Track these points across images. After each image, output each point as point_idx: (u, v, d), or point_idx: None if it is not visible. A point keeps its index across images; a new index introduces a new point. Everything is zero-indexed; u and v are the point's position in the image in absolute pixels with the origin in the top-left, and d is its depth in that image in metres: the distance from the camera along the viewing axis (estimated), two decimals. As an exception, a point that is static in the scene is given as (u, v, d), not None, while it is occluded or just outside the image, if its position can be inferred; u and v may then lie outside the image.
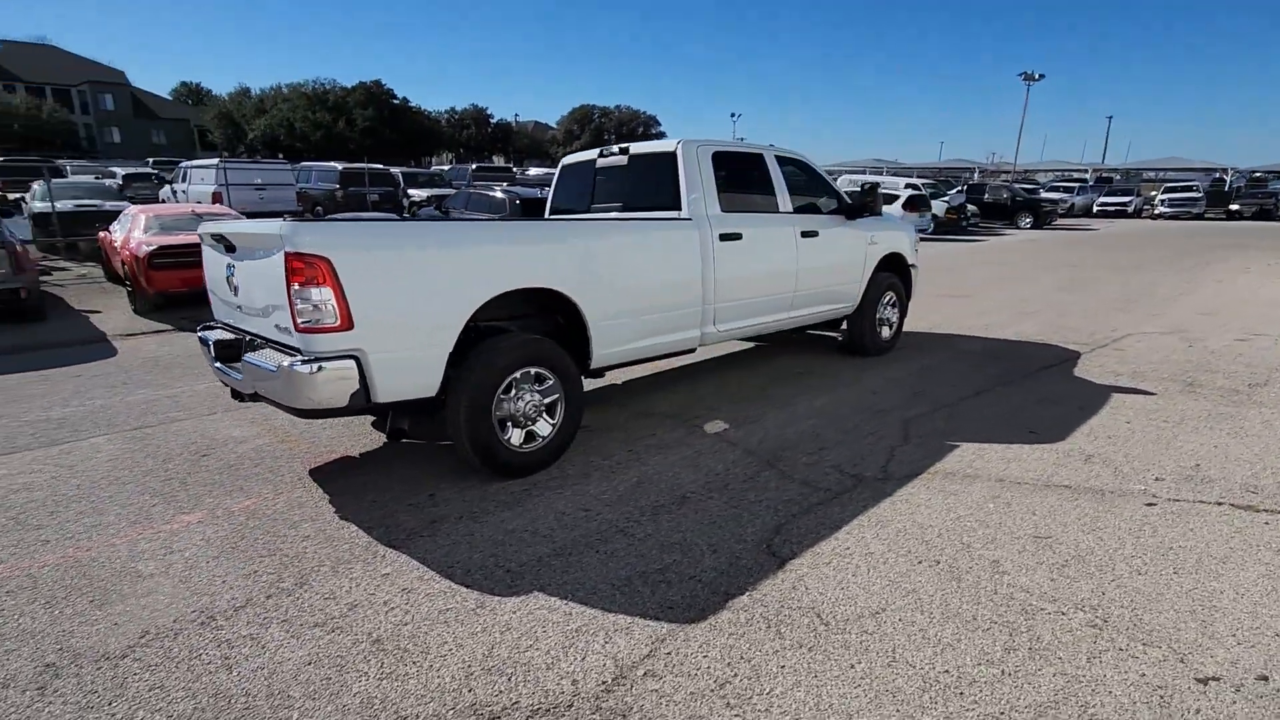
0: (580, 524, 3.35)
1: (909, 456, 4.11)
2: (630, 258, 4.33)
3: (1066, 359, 6.45)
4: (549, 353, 3.94)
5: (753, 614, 2.56)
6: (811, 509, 3.45)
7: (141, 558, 3.11)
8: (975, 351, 6.86)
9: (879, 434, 4.52)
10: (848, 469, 3.95)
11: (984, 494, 3.57)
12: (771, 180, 5.45)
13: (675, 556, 3.02)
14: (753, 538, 3.17)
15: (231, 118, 64.71)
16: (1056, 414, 4.84)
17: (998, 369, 6.14)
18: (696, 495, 3.65)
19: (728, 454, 4.24)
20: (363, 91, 59.82)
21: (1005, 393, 5.40)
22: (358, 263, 3.13)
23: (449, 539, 3.23)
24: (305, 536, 3.28)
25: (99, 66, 65.90)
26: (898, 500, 3.51)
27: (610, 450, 4.34)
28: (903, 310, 6.92)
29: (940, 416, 4.85)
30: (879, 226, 6.47)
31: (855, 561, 2.92)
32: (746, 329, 5.37)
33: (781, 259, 5.42)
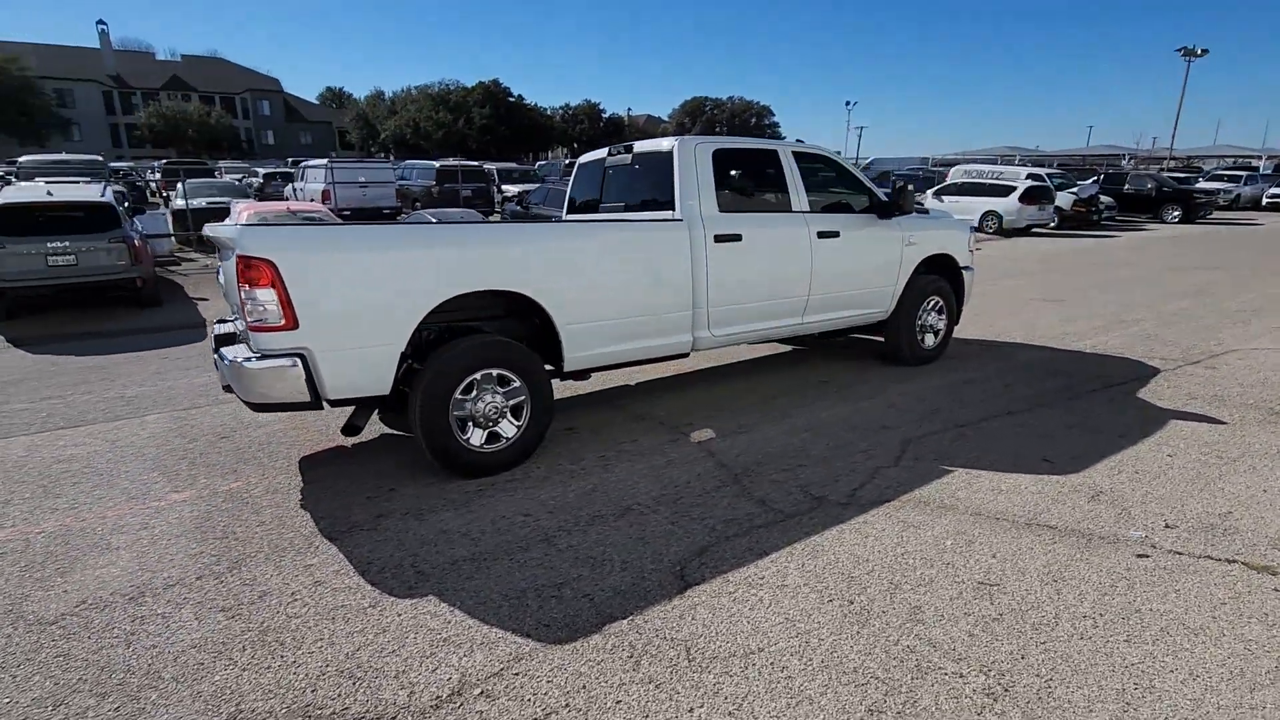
0: (513, 529, 3.35)
1: (890, 480, 3.78)
2: (606, 260, 4.25)
3: (1138, 377, 5.69)
4: (512, 355, 3.96)
5: (622, 641, 2.45)
6: (752, 530, 3.26)
7: (120, 531, 3.43)
8: (1033, 364, 6.20)
9: (871, 453, 4.19)
10: (814, 490, 3.69)
11: (949, 528, 3.22)
12: (785, 178, 5.17)
13: (583, 571, 2.95)
14: (672, 558, 3.04)
15: (367, 119, 69.99)
16: (1086, 442, 4.27)
17: (1046, 386, 5.52)
18: (642, 508, 3.55)
19: (700, 465, 4.09)
20: (481, 90, 62.72)
21: (1040, 414, 4.84)
22: (302, 265, 3.28)
23: (383, 535, 3.33)
24: (262, 522, 3.49)
25: (258, 76, 73.24)
26: (848, 529, 3.24)
27: (583, 454, 4.30)
28: (952, 316, 6.37)
29: (950, 437, 4.42)
30: (920, 226, 5.98)
31: (761, 594, 2.72)
32: (749, 334, 5.14)
33: (791, 261, 5.13)
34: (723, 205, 4.80)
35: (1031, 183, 20.87)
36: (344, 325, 3.43)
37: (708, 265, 4.66)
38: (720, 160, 4.87)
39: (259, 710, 2.18)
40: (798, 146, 5.43)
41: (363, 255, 3.46)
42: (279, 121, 71.84)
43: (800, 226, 5.17)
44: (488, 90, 63.06)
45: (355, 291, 3.43)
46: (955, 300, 6.38)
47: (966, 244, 6.43)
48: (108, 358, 7.05)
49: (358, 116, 71.04)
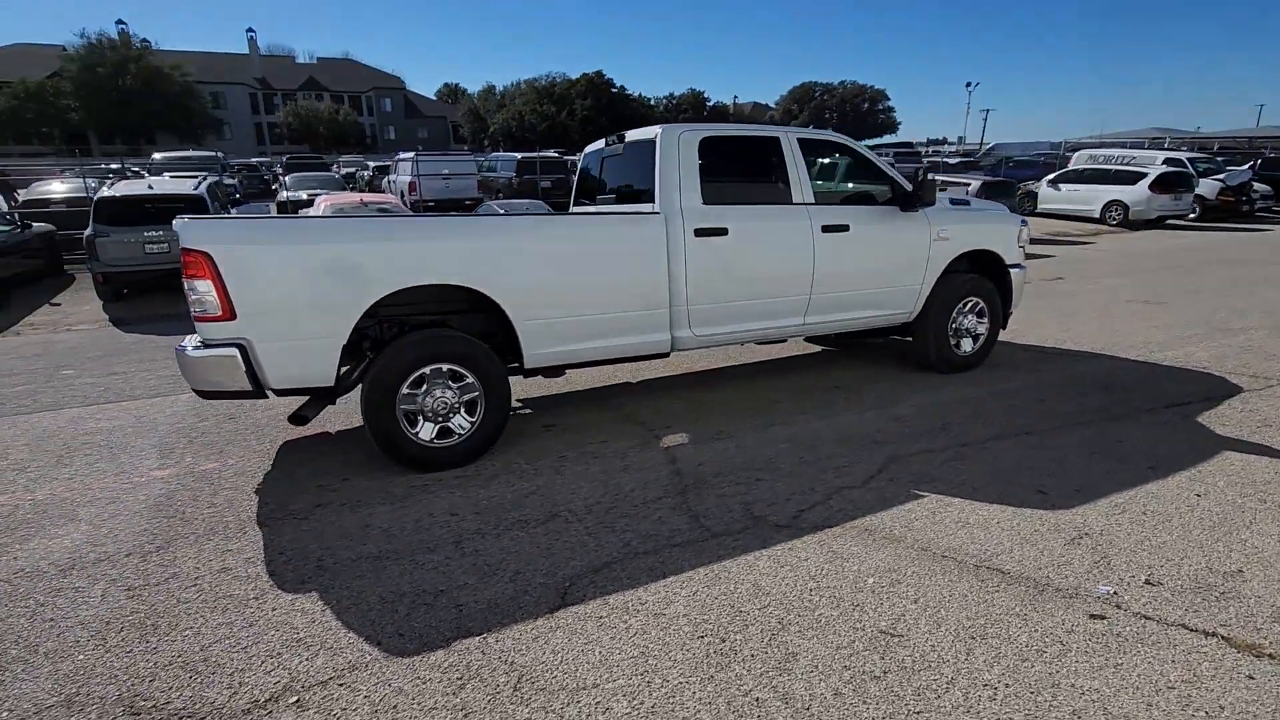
0: (432, 529, 3.31)
1: (846, 502, 3.42)
2: (567, 255, 4.11)
3: (1210, 398, 4.87)
4: (464, 350, 3.91)
5: (461, 660, 2.34)
6: (665, 549, 3.04)
7: (93, 504, 3.69)
8: (1088, 377, 5.46)
9: (844, 470, 3.82)
10: (758, 509, 3.40)
11: (881, 564, 2.85)
12: (786, 167, 4.80)
13: (471, 580, 2.85)
14: (567, 573, 2.88)
15: (478, 113, 72.91)
16: (1103, 471, 3.68)
17: (1089, 403, 4.84)
18: (570, 515, 3.40)
19: (655, 472, 3.88)
20: (585, 82, 63.66)
21: (1065, 436, 4.23)
22: (239, 257, 3.37)
23: (311, 525, 3.38)
24: (213, 504, 3.64)
25: (383, 74, 78.01)
26: (768, 555, 2.95)
27: (545, 453, 4.20)
28: (996, 319, 5.72)
29: (945, 457, 3.96)
30: (953, 219, 5.40)
31: (632, 621, 2.52)
32: (739, 335, 4.83)
33: (788, 256, 4.77)
34: (708, 197, 4.52)
35: (1166, 168, 18.60)
36: (282, 317, 3.49)
37: (686, 261, 4.41)
38: (708, 149, 4.58)
39: (94, 695, 2.24)
40: (807, 133, 5.02)
41: (300, 248, 3.51)
42: (400, 117, 76.24)
43: (800, 220, 4.78)
44: (590, 82, 63.91)
45: (293, 284, 3.49)
46: (1000, 302, 5.73)
47: (1015, 239, 5.74)
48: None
49: (470, 111, 74.16)
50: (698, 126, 4.65)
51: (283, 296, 3.48)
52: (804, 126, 17.56)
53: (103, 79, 54.96)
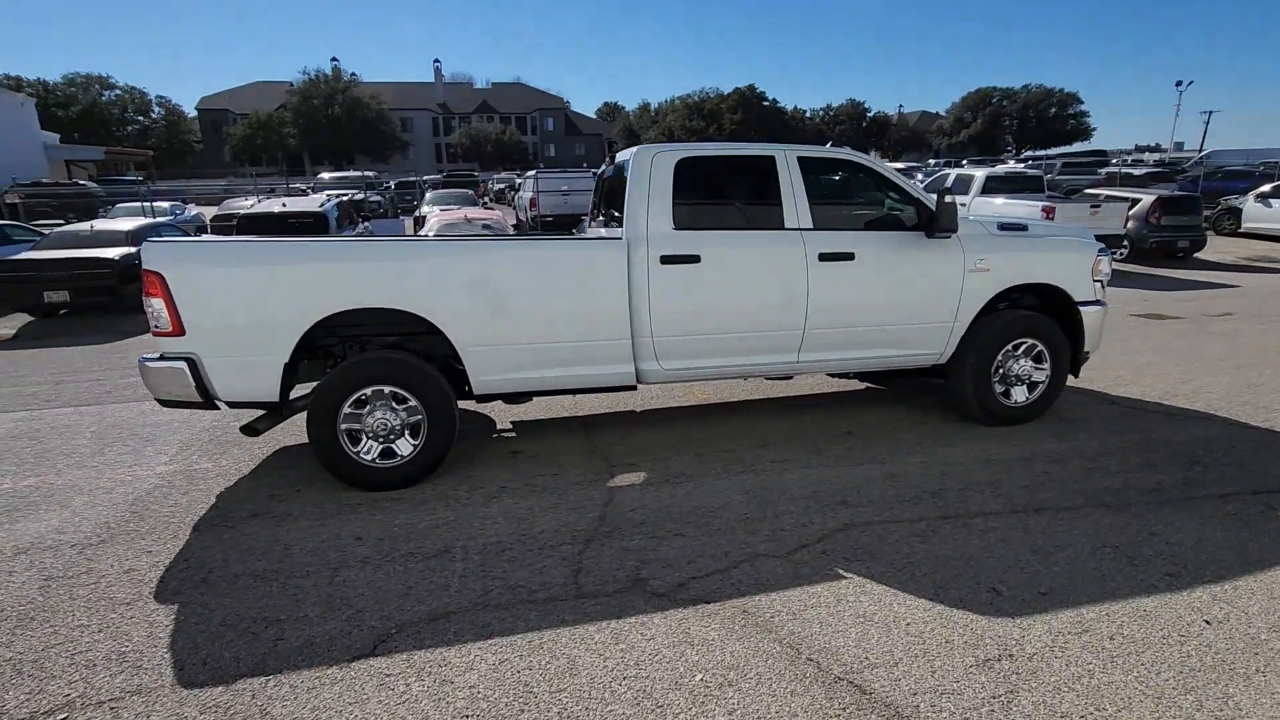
0: (326, 552, 3.33)
1: (750, 575, 2.99)
2: (516, 280, 3.99)
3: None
4: (404, 374, 3.92)
5: (232, 701, 2.29)
6: (518, 604, 2.82)
7: (91, 492, 4.12)
8: (1172, 444, 4.43)
9: (779, 534, 3.36)
10: (648, 570, 3.07)
11: (730, 657, 2.42)
12: (780, 189, 4.35)
13: (313, 613, 2.82)
14: (403, 618, 2.76)
15: (632, 130, 75.19)
16: (1097, 573, 2.91)
17: (1150, 479, 3.90)
18: (459, 553, 3.28)
19: (580, 515, 3.66)
20: (736, 96, 63.44)
21: (1083, 520, 3.42)
22: (187, 278, 3.62)
23: (232, 535, 3.54)
24: (175, 504, 3.94)
25: (548, 96, 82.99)
26: (615, 627, 2.63)
27: (489, 482, 4.12)
28: (1061, 365, 4.81)
29: (907, 532, 3.35)
30: (998, 247, 4.62)
31: (413, 685, 2.34)
32: (716, 370, 4.44)
33: (774, 286, 4.31)
34: (680, 221, 4.21)
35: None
36: (227, 334, 3.70)
37: (650, 290, 4.13)
38: (688, 170, 4.28)
39: (-71, 679, 2.45)
40: (811, 151, 4.53)
41: (241, 270, 3.70)
42: (560, 135, 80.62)
43: (792, 246, 4.31)
44: (742, 95, 63.60)
45: (236, 304, 3.69)
46: (1066, 344, 4.81)
47: (1086, 271, 4.80)
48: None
49: (625, 128, 76.67)
50: (679, 146, 4.36)
51: (227, 315, 3.69)
52: (977, 136, 15.16)
53: (316, 109, 63.45)
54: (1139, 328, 8.07)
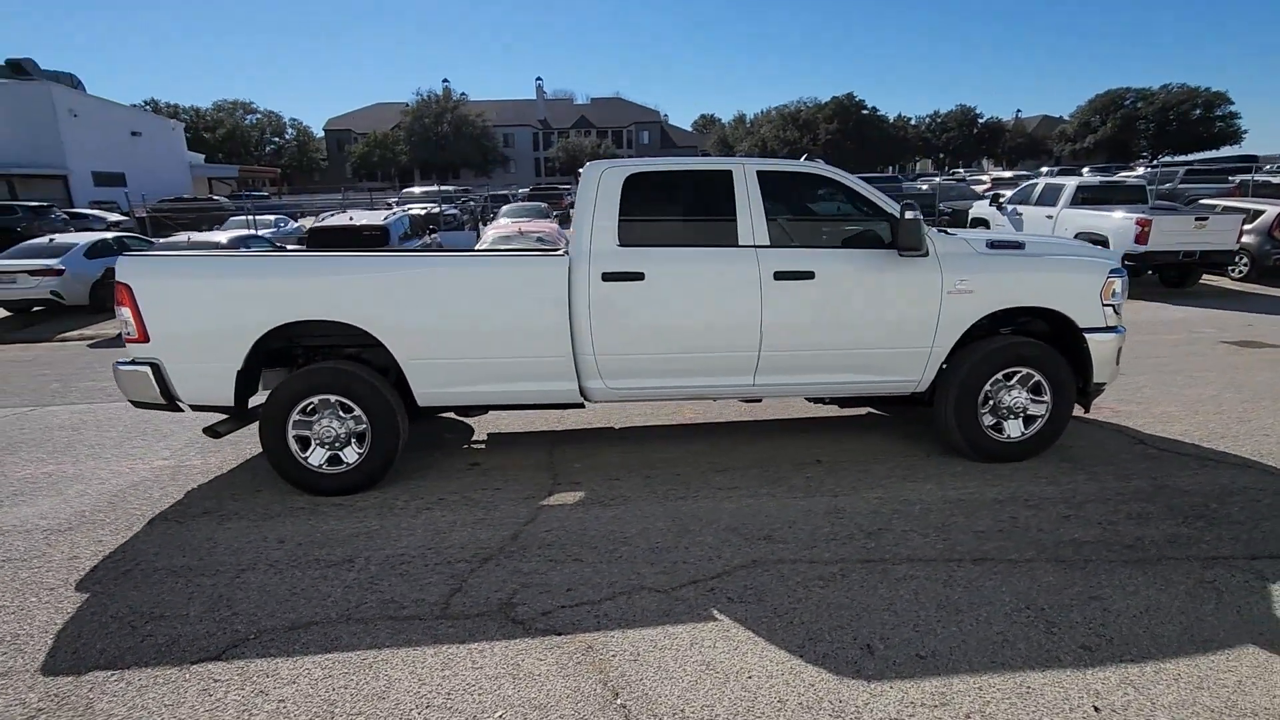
0: (244, 553, 3.49)
1: (621, 609, 2.86)
2: (455, 295, 4.04)
3: (1360, 553, 3.12)
4: (349, 384, 4.05)
5: (72, 692, 2.44)
6: (379, 619, 2.84)
7: (87, 482, 4.53)
8: (1184, 492, 3.87)
9: (675, 567, 3.20)
10: (525, 595, 3.00)
11: (542, 696, 2.31)
12: (735, 204, 4.18)
13: (195, 612, 2.95)
14: (272, 623, 2.84)
15: (726, 141, 74.93)
16: (1001, 636, 2.55)
17: (1133, 532, 3.42)
18: (361, 563, 3.35)
19: (496, 532, 3.65)
20: (834, 105, 61.82)
21: (1025, 575, 3.03)
22: (151, 289, 3.91)
23: (174, 531, 3.78)
24: (148, 497, 4.25)
25: (644, 109, 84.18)
26: (454, 652, 2.59)
27: (430, 493, 4.19)
28: (1063, 398, 4.33)
29: (813, 575, 3.10)
30: (984, 266, 4.23)
31: (231, 694, 2.39)
32: (665, 391, 4.30)
33: (725, 306, 4.14)
34: (626, 238, 4.13)
35: None
36: (186, 342, 3.97)
37: (591, 307, 4.07)
38: (637, 186, 4.19)
39: None
40: (773, 165, 4.33)
41: (199, 283, 3.96)
42: (656, 148, 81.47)
43: (744, 264, 4.12)
44: (840, 104, 61.89)
45: (193, 314, 3.95)
46: (1070, 375, 4.32)
47: (1094, 293, 4.28)
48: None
49: (719, 139, 76.55)
50: (631, 161, 4.28)
51: (186, 324, 3.96)
52: (1106, 141, 13.68)
53: (427, 127, 67.52)
54: (1224, 356, 7.14)
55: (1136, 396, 5.79)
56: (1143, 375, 6.42)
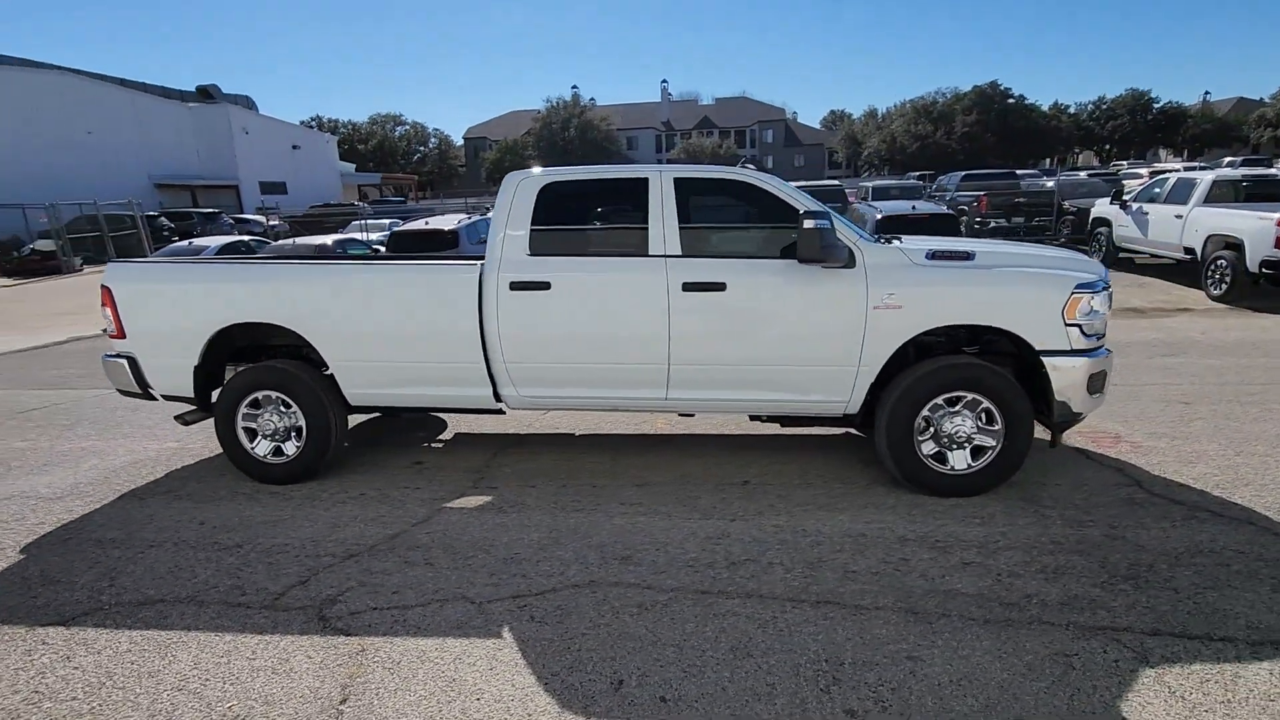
0: (165, 530, 3.89)
1: (417, 616, 2.90)
2: (374, 301, 4.25)
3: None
4: (286, 382, 4.39)
5: (-60, 636, 2.85)
6: (208, 603, 3.07)
7: (97, 456, 5.22)
8: (1122, 548, 3.32)
9: (513, 580, 3.19)
10: (349, 599, 3.12)
11: (267, 661, 2.41)
12: (649, 213, 4.07)
13: (83, 581, 3.34)
14: (112, 597, 3.15)
15: (855, 138, 71.82)
16: (769, 688, 2.31)
17: (1016, 590, 2.97)
18: (247, 548, 3.63)
19: (380, 531, 3.81)
20: (974, 95, 57.37)
21: (856, 625, 2.73)
22: (127, 291, 4.44)
23: (133, 507, 4.27)
24: (136, 474, 4.83)
25: (769, 107, 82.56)
26: (236, 641, 2.74)
27: (358, 487, 4.42)
28: (1018, 429, 3.84)
29: (635, 603, 2.97)
30: (918, 279, 3.83)
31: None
32: (576, 400, 4.28)
33: (630, 316, 4.04)
34: (536, 247, 4.14)
35: None
36: (153, 339, 4.47)
37: (500, 316, 4.13)
38: (552, 195, 4.20)
39: None
40: (692, 171, 4.17)
41: (161, 287, 4.44)
42: (779, 147, 79.74)
43: (652, 274, 4.01)
44: (981, 94, 57.27)
45: (158, 315, 4.44)
46: (1027, 403, 3.82)
47: (1050, 312, 3.74)
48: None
49: (847, 136, 73.50)
50: (545, 171, 4.29)
51: (152, 324, 4.45)
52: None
53: (554, 132, 70.40)
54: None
55: (1178, 430, 4.98)
56: (1208, 405, 5.50)
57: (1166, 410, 5.39)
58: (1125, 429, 5.06)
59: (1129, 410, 5.41)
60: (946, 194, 21.42)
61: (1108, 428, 5.09)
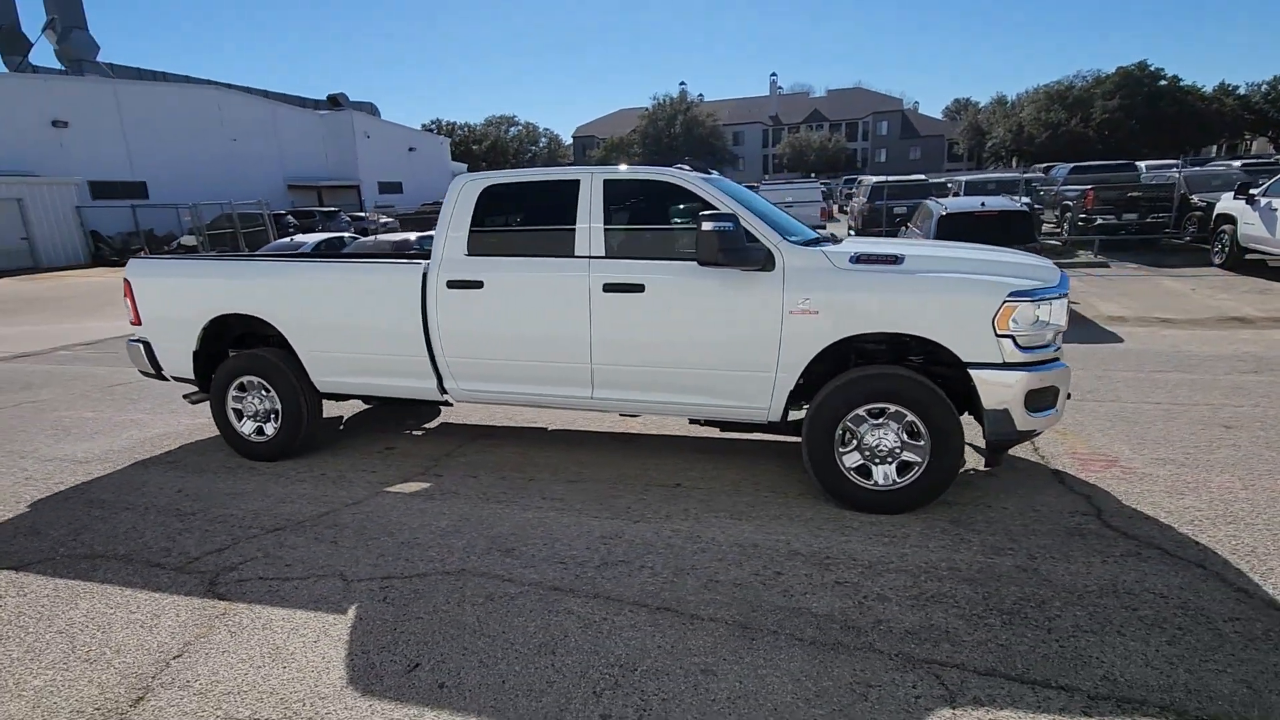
0: (148, 497, 4.40)
1: (289, 589, 3.14)
2: (334, 297, 4.58)
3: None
4: (263, 369, 4.83)
5: (-74, 571, 3.42)
6: (132, 562, 3.47)
7: (140, 428, 5.95)
8: (1023, 583, 3.02)
9: (395, 560, 3.38)
10: (229, 560, 3.43)
11: (125, 615, 2.71)
12: (577, 214, 4.13)
13: (59, 533, 3.86)
14: (57, 541, 3.63)
15: (979, 128, 67.17)
16: (556, 694, 2.33)
17: (857, 616, 2.78)
18: (200, 515, 4.05)
19: (315, 509, 4.13)
20: (1118, 77, 51.98)
21: (671, 635, 2.68)
22: (141, 284, 5.04)
23: (134, 473, 4.86)
24: (156, 446, 5.47)
25: (884, 98, 78.84)
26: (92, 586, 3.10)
27: (320, 469, 4.79)
28: (946, 444, 3.59)
29: (480, 593, 3.06)
30: (835, 284, 3.66)
31: (-11, 593, 3.16)
32: (510, 396, 4.42)
33: (554, 316, 4.12)
34: (474, 248, 4.32)
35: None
36: (161, 327, 5.05)
37: (439, 313, 4.34)
38: (493, 197, 4.35)
39: (-109, 519, 4.11)
40: (622, 173, 4.17)
41: (167, 281, 5.00)
42: (895, 139, 75.99)
43: (574, 275, 4.07)
44: (1126, 76, 51.76)
45: (165, 305, 5.01)
46: (953, 417, 3.56)
47: (979, 321, 3.44)
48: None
49: (970, 126, 68.83)
50: (492, 174, 4.43)
51: (160, 312, 5.04)
52: None
53: (660, 129, 70.89)
54: None
55: (1196, 456, 4.43)
56: (1254, 431, 4.85)
57: (1198, 434, 4.79)
58: (1132, 451, 4.56)
59: (1152, 432, 4.86)
60: (1053, 188, 19.63)
61: (1112, 450, 4.60)
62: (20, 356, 9.32)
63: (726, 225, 3.57)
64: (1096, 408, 5.49)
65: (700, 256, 3.66)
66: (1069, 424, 5.12)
